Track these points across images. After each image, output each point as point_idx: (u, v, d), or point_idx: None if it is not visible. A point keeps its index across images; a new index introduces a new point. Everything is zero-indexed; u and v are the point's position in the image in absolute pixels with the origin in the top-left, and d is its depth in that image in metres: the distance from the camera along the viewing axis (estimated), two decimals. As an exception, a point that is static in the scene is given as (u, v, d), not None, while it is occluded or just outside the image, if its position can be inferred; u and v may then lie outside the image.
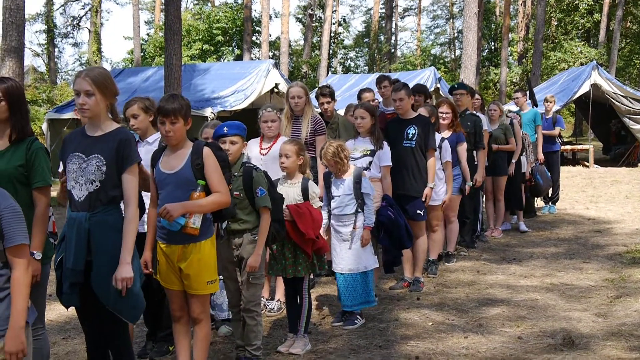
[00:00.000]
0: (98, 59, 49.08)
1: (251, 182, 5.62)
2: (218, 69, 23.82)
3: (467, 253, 10.16)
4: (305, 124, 8.09)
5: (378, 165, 7.57)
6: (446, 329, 6.66)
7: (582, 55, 41.21)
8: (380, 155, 7.57)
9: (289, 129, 8.08)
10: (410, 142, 8.07)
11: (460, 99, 10.32)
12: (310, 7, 49.23)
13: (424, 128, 8.11)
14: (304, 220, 6.13)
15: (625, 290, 7.88)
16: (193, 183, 4.94)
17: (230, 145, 5.63)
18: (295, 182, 6.31)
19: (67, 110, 21.42)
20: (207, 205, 4.94)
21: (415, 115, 8.27)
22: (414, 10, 71.36)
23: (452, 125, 9.36)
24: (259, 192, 5.60)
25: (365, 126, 7.59)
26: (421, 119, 8.25)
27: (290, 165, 6.25)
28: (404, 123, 8.20)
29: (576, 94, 23.35)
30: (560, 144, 14.78)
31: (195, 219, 4.88)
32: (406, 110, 8.24)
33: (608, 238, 11.28)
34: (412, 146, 8.06)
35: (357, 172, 6.79)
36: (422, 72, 28.20)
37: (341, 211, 6.80)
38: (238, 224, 5.65)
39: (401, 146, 8.06)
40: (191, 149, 5.05)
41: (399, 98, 8.12)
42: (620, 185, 18.62)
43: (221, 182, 5.04)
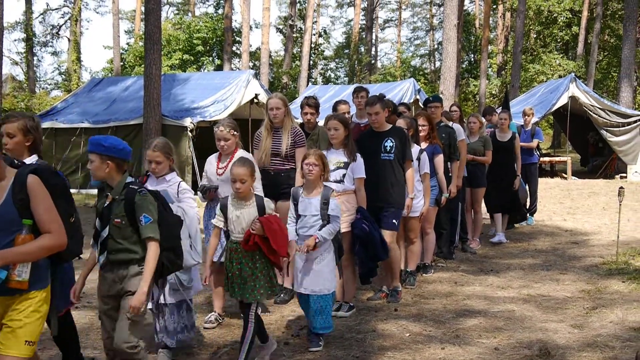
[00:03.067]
0: (77, 68, 48.82)
1: (133, 207, 4.82)
2: (198, 79, 23.77)
3: (445, 264, 10.18)
4: (286, 136, 7.97)
5: (352, 178, 7.43)
6: (423, 340, 6.66)
7: (560, 68, 41.59)
8: (354, 167, 7.42)
9: (269, 140, 7.99)
10: (388, 155, 7.96)
11: (435, 111, 10.32)
12: (290, 18, 49.30)
13: (401, 140, 8.03)
14: (276, 236, 5.84)
15: (601, 302, 7.93)
16: (17, 223, 4.10)
17: (90, 164, 4.91)
18: (250, 202, 5.99)
19: (46, 119, 21.26)
20: (33, 252, 4.08)
21: (391, 128, 8.18)
22: (394, 22, 71.77)
23: (428, 137, 9.34)
24: (143, 220, 4.81)
25: (339, 137, 7.45)
26: (397, 131, 8.17)
27: (246, 189, 5.94)
28: (380, 136, 8.07)
29: (554, 106, 23.54)
30: (539, 156, 14.88)
31: (22, 270, 4.07)
32: (382, 124, 8.11)
33: (585, 249, 11.36)
34: (391, 159, 7.96)
35: (326, 193, 6.55)
36: (402, 83, 28.26)
37: (306, 232, 6.53)
38: (123, 254, 4.88)
39: (379, 159, 7.96)
40: (12, 179, 4.18)
41: (374, 112, 7.98)
42: (598, 197, 18.76)
43: (52, 220, 4.19)
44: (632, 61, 28.49)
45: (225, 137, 7.08)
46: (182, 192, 6.20)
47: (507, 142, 11.95)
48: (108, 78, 30.22)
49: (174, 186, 6.18)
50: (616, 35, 43.11)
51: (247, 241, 5.84)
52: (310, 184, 6.56)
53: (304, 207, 6.57)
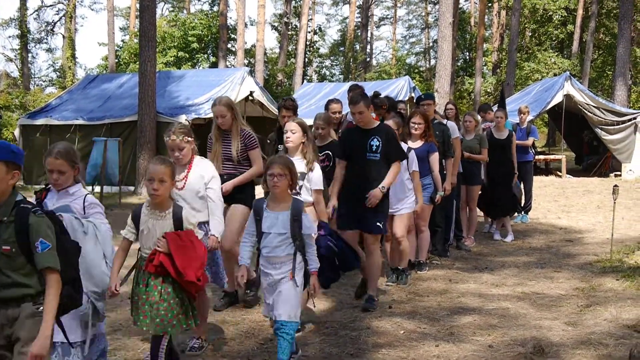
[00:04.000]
0: (72, 65, 48.80)
1: (27, 230, 3.91)
2: (193, 76, 23.77)
3: (440, 262, 10.19)
4: (235, 140, 7.47)
5: (309, 189, 6.82)
6: (418, 337, 6.66)
7: (555, 66, 41.68)
8: (311, 177, 6.80)
9: (218, 145, 7.53)
10: (374, 155, 7.57)
11: (428, 109, 10.18)
12: (285, 15, 49.30)
13: (388, 139, 7.64)
14: (184, 255, 5.05)
15: (595, 299, 7.94)
16: None
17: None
18: (166, 213, 5.21)
19: (40, 116, 21.28)
20: None
21: (377, 125, 7.78)
22: (389, 20, 71.80)
23: (424, 135, 9.25)
24: (39, 246, 3.89)
25: (294, 142, 6.81)
26: (384, 129, 7.77)
27: (164, 193, 5.19)
28: (366, 134, 7.65)
29: (549, 105, 23.57)
30: (534, 154, 14.90)
31: None
32: (367, 122, 7.69)
33: (579, 247, 11.38)
34: (377, 159, 7.57)
35: (297, 207, 5.64)
36: (397, 81, 28.30)
37: (270, 252, 5.61)
38: (12, 290, 3.92)
39: (365, 159, 7.60)
40: None
41: (358, 112, 7.55)
42: (592, 195, 18.79)
43: None
44: (627, 60, 28.58)
45: (179, 146, 6.23)
46: (89, 207, 5.13)
47: (505, 139, 11.96)
48: (103, 75, 30.21)
49: (79, 200, 5.12)
50: (611, 34, 43.19)
51: (151, 260, 5.05)
52: (277, 196, 5.66)
53: (269, 223, 5.60)
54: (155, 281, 5.07)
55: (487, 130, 12.17)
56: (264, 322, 6.95)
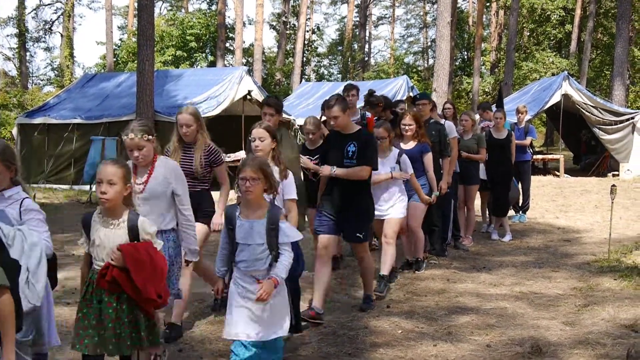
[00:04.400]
0: (70, 64, 48.77)
1: None
2: (191, 75, 23.75)
3: (437, 261, 10.18)
4: (198, 155, 6.83)
5: (281, 199, 6.23)
6: (415, 337, 6.66)
7: (553, 66, 41.68)
8: (284, 186, 6.24)
9: (177, 157, 6.79)
10: (351, 161, 7.23)
11: (423, 108, 10.08)
12: (284, 14, 49.33)
13: (364, 144, 7.24)
14: (142, 270, 4.51)
15: (593, 299, 7.95)
16: None
17: None
18: (119, 221, 4.61)
19: (38, 115, 21.25)
20: None
21: (357, 131, 7.37)
22: (387, 19, 71.77)
23: (416, 136, 9.12)
24: None
25: (264, 149, 6.27)
26: (362, 135, 7.37)
27: (115, 198, 4.56)
28: (344, 139, 7.33)
29: (547, 104, 23.57)
30: (532, 154, 14.91)
31: None
32: (345, 126, 7.30)
33: (577, 247, 11.38)
34: (354, 165, 7.24)
35: (274, 214, 5.09)
36: (395, 80, 28.33)
37: (248, 267, 5.05)
38: None
39: (342, 165, 7.26)
40: None
41: (332, 116, 7.19)
42: (590, 194, 18.80)
43: None
44: (625, 59, 28.59)
45: (139, 146, 5.59)
46: (25, 213, 4.58)
47: (504, 139, 11.97)
48: (101, 74, 30.18)
49: (15, 205, 4.58)
50: (609, 34, 43.22)
51: (103, 275, 4.49)
52: (251, 203, 5.09)
53: (244, 233, 5.06)
54: (109, 297, 4.51)
55: (486, 130, 12.18)
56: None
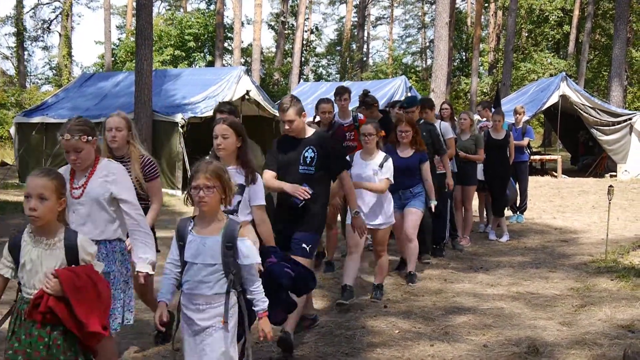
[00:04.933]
0: (68, 63, 48.76)
1: None
2: (189, 75, 23.72)
3: (431, 260, 10.17)
4: (137, 167, 6.10)
5: (248, 205, 5.53)
6: (413, 337, 6.68)
7: (551, 67, 41.73)
8: (252, 191, 5.52)
9: None
10: (307, 168, 6.37)
11: (412, 116, 9.71)
12: (282, 14, 49.34)
13: (324, 149, 6.42)
14: (84, 299, 3.88)
15: (589, 300, 7.97)
16: None
17: None
18: (54, 240, 4.01)
19: (36, 114, 21.20)
20: None
21: (312, 134, 6.51)
22: (386, 19, 71.82)
23: (414, 143, 8.69)
24: None
25: (227, 149, 5.51)
26: (320, 138, 6.53)
27: (46, 213, 3.96)
28: (299, 144, 6.45)
29: (545, 105, 23.57)
30: (529, 154, 14.93)
31: None
32: (299, 131, 6.44)
33: (574, 248, 11.40)
34: (311, 173, 6.36)
35: (230, 229, 4.36)
36: (393, 80, 28.31)
37: (193, 288, 4.34)
38: None
39: (297, 173, 6.38)
40: None
41: (287, 120, 6.35)
42: (587, 195, 18.82)
43: None
44: (623, 60, 28.59)
45: (76, 147, 4.90)
46: None
47: (502, 140, 12.00)
48: (99, 73, 30.16)
49: None
50: (607, 35, 43.26)
51: (36, 305, 3.83)
52: (205, 215, 4.41)
53: (194, 250, 4.35)
54: (41, 331, 3.85)
55: (485, 130, 12.21)
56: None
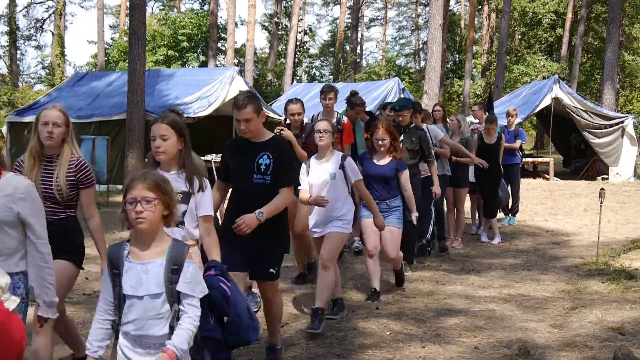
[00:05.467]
0: (61, 62, 48.65)
1: None
2: (182, 75, 23.71)
3: (409, 270, 9.50)
4: (63, 170, 5.18)
5: (195, 216, 4.87)
6: (404, 339, 6.68)
7: (544, 69, 41.81)
8: (198, 201, 4.83)
9: (35, 174, 5.16)
10: (263, 178, 5.58)
11: (403, 120, 9.57)
12: (276, 15, 49.33)
13: (281, 156, 5.62)
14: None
15: (580, 302, 7.98)
16: None
17: None
18: None
19: (28, 113, 21.13)
20: None
21: (270, 138, 5.72)
22: (379, 21, 71.89)
23: (392, 151, 8.02)
24: None
25: (168, 152, 4.77)
26: (278, 143, 5.77)
27: None
28: (254, 149, 5.62)
29: (538, 107, 23.62)
30: (521, 157, 14.96)
31: None
32: (256, 133, 5.60)
33: (566, 250, 11.43)
34: (266, 183, 5.57)
35: (177, 251, 3.69)
36: (386, 82, 28.35)
37: (139, 329, 3.62)
38: None
39: (251, 182, 5.59)
40: None
41: (244, 119, 5.49)
42: (579, 198, 18.87)
43: None
44: (615, 64, 28.67)
45: None
46: None
47: (494, 144, 12.03)
48: (92, 73, 30.12)
49: None
50: (600, 38, 43.36)
51: None
52: (144, 236, 3.68)
53: (134, 280, 3.61)
54: None
55: (477, 134, 12.24)
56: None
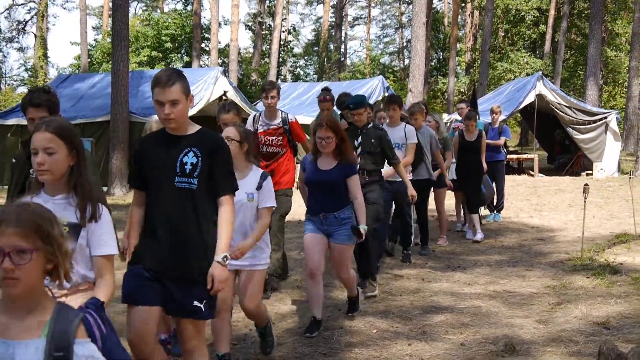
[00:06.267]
0: (44, 64, 48.44)
1: None
2: (166, 76, 23.64)
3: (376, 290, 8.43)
4: None
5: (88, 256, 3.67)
6: (390, 336, 6.69)
7: (528, 66, 41.98)
8: (92, 233, 3.64)
9: None
10: (187, 181, 4.29)
11: (359, 118, 8.22)
12: (260, 15, 49.27)
13: (212, 153, 4.35)
14: None
15: (566, 297, 8.01)
16: None
17: None
18: None
19: (12, 116, 21.05)
20: None
21: (197, 131, 4.42)
22: (363, 20, 71.94)
23: (338, 153, 6.68)
24: None
25: (55, 171, 3.58)
26: (207, 136, 4.43)
27: None
28: (177, 143, 4.35)
29: (522, 104, 23.69)
30: (506, 154, 15.00)
31: None
32: (182, 122, 4.34)
33: (551, 246, 11.48)
34: (192, 188, 4.30)
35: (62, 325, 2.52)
36: (371, 80, 28.38)
37: None
38: None
39: (170, 188, 4.30)
40: None
41: (170, 100, 4.22)
42: (564, 194, 18.95)
43: None
44: (598, 60, 28.86)
45: None
46: None
47: (475, 141, 12.04)
48: (75, 75, 29.99)
49: None
50: (582, 34, 43.59)
51: None
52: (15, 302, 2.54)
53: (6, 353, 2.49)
54: None
55: (458, 131, 12.26)
56: (236, 321, 6.94)
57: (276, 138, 8.21)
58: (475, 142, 12.04)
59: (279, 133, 8.21)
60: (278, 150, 8.24)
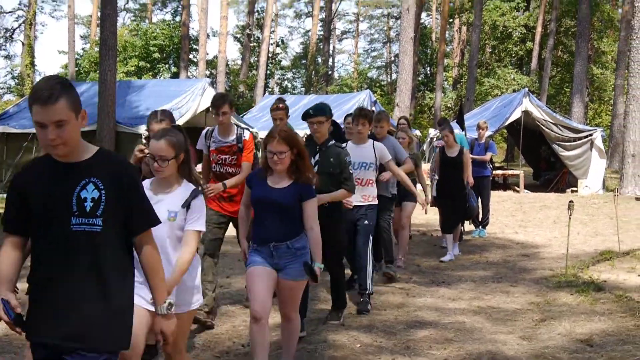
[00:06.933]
0: (31, 73, 48.21)
1: None
2: (153, 86, 23.64)
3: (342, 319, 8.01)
4: None
5: None
6: (374, 351, 6.66)
7: (514, 82, 42.26)
8: None
9: None
10: (87, 222, 3.26)
11: (319, 128, 7.08)
12: (248, 27, 49.33)
13: (121, 184, 3.39)
14: None
15: (550, 314, 8.02)
16: None
17: None
18: None
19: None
20: None
21: (95, 153, 3.46)
22: (351, 33, 72.28)
23: (294, 171, 5.57)
24: None
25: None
26: (109, 160, 3.50)
27: None
28: (71, 173, 3.34)
29: (508, 120, 23.81)
30: (492, 169, 15.03)
31: None
32: (73, 147, 3.37)
33: (535, 262, 11.49)
34: (96, 230, 3.26)
35: None
36: (358, 94, 28.39)
37: None
38: None
39: (65, 231, 3.24)
40: None
41: (54, 121, 3.25)
42: (549, 210, 19.00)
43: None
44: (584, 77, 29.10)
45: None
46: None
47: (456, 156, 11.90)
48: (62, 83, 29.85)
49: None
50: (569, 52, 43.93)
51: None
52: None
53: None
54: None
55: (439, 147, 12.18)
56: (220, 334, 6.90)
57: (229, 157, 7.28)
58: (457, 157, 11.90)
59: (232, 152, 7.25)
60: (232, 171, 7.25)
